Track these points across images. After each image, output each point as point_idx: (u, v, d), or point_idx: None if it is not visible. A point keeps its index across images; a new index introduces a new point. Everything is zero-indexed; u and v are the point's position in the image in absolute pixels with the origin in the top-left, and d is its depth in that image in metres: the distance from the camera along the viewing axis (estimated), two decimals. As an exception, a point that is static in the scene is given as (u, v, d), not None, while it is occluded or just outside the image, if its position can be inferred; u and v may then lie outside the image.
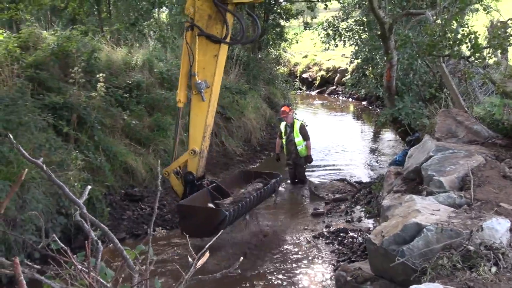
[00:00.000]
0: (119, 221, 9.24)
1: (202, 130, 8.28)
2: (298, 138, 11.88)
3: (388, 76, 12.11)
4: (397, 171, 9.12)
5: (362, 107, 25.68)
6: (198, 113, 8.23)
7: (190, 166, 8.47)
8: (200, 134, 8.30)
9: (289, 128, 11.94)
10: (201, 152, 8.41)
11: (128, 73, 12.58)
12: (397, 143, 16.22)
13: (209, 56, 8.01)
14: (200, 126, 8.27)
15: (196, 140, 8.34)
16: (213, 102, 8.33)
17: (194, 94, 8.11)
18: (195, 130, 8.32)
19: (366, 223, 9.44)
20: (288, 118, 11.91)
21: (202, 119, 8.24)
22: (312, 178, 12.59)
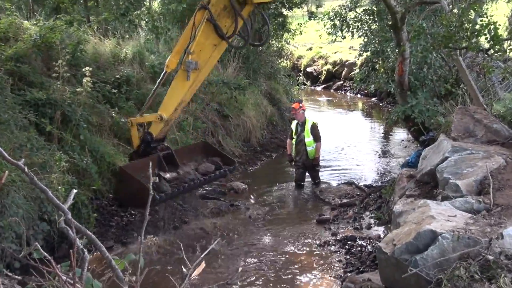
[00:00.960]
0: (107, 228, 9.23)
1: (176, 103, 8.85)
2: (308, 138, 11.92)
3: (400, 70, 12.10)
4: (409, 173, 9.12)
5: (371, 104, 25.67)
6: (178, 87, 8.81)
7: (152, 128, 9.05)
8: (173, 106, 8.86)
9: (300, 127, 11.99)
10: (168, 121, 8.97)
11: (117, 67, 12.57)
12: (409, 143, 16.22)
13: (209, 43, 8.54)
14: (176, 99, 8.84)
15: (167, 108, 8.90)
16: (196, 85, 9.00)
17: (181, 69, 8.66)
18: (170, 100, 8.89)
19: (376, 230, 9.43)
20: (298, 115, 11.96)
21: (179, 94, 8.81)
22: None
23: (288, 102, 20.19)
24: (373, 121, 22.13)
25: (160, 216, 10.02)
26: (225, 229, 9.78)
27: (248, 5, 8.49)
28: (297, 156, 12.18)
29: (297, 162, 12.21)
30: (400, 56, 12.04)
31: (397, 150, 16.08)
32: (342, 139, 17.08)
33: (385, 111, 22.97)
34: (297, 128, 12.07)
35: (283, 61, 24.13)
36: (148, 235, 9.20)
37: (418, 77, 12.96)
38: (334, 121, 20.82)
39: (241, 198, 11.48)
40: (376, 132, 19.87)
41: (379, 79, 17.23)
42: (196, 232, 9.62)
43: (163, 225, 9.69)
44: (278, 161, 14.91)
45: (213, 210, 10.58)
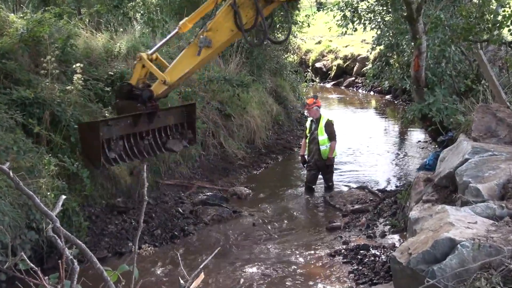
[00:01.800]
0: (100, 237, 9.26)
1: (182, 73, 9.15)
2: (322, 136, 11.94)
3: (416, 65, 12.10)
4: (427, 177, 9.11)
5: (385, 102, 25.66)
6: (187, 59, 9.11)
7: (155, 87, 9.34)
8: (178, 74, 9.16)
9: (314, 124, 12.03)
10: (170, 86, 9.32)
11: (110, 63, 12.59)
12: (427, 144, 16.20)
13: (226, 26, 8.80)
14: (183, 69, 9.15)
15: (173, 74, 9.18)
16: (204, 62, 9.42)
17: (194, 43, 8.95)
18: (177, 67, 9.19)
19: (391, 238, 9.43)
20: (312, 112, 12.01)
21: (187, 66, 9.12)
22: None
23: (295, 100, 20.21)
24: (387, 121, 22.13)
25: (157, 224, 10.05)
26: (227, 237, 9.79)
27: (274, 2, 8.76)
28: (309, 156, 12.21)
29: (309, 163, 12.22)
30: (416, 50, 12.03)
31: (413, 151, 16.07)
32: (353, 140, 17.07)
33: (400, 109, 22.96)
34: (311, 126, 12.11)
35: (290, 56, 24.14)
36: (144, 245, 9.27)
37: (436, 73, 12.93)
38: (345, 121, 20.79)
39: (244, 204, 11.49)
40: (390, 132, 19.86)
41: (394, 75, 17.20)
42: (196, 241, 9.64)
43: (160, 233, 9.71)
44: (285, 164, 14.93)
45: (214, 217, 10.59)
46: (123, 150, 9.30)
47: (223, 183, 12.70)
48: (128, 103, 9.31)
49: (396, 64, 17.17)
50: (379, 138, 18.09)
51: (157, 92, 9.33)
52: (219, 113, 14.41)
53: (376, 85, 25.63)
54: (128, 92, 9.29)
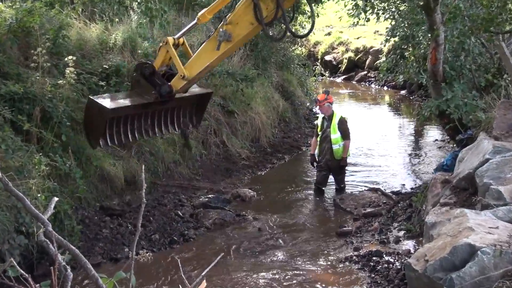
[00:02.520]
0: (94, 241, 9.27)
1: (202, 67, 9.23)
2: (335, 134, 11.95)
3: (433, 58, 12.08)
4: (444, 178, 9.10)
5: (400, 98, 25.64)
6: (206, 53, 9.19)
7: (174, 82, 9.39)
8: (198, 69, 9.23)
9: (326, 122, 12.03)
10: (190, 81, 9.39)
11: (104, 56, 12.59)
12: (444, 143, 16.18)
13: (246, 20, 8.86)
14: (202, 63, 9.23)
15: (192, 69, 9.24)
16: (224, 56, 9.50)
17: (214, 37, 9.04)
18: (196, 62, 9.27)
19: (406, 244, 9.41)
20: (324, 108, 12.01)
21: (206, 60, 9.20)
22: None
23: (303, 96, 20.19)
24: (402, 118, 22.11)
25: (155, 228, 10.05)
26: (230, 243, 9.79)
27: None
28: (319, 155, 12.20)
29: (320, 163, 12.21)
30: (433, 41, 12.01)
31: (430, 151, 16.04)
32: (365, 139, 17.05)
33: (416, 105, 22.93)
34: (323, 123, 12.10)
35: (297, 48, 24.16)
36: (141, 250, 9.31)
37: (454, 66, 12.91)
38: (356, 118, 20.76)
39: (248, 208, 11.48)
40: (405, 130, 19.84)
41: (409, 68, 17.16)
42: (196, 246, 9.65)
43: (159, 238, 9.72)
44: (292, 164, 14.92)
45: (216, 221, 10.59)
46: (125, 130, 9.53)
47: (225, 184, 12.70)
48: (145, 84, 9.43)
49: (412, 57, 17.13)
50: (393, 137, 18.08)
51: (176, 87, 9.40)
52: (222, 110, 14.42)
53: (390, 80, 25.62)
54: (148, 74, 9.40)
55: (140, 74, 9.44)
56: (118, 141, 9.49)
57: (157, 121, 10.08)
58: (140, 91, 9.47)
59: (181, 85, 9.38)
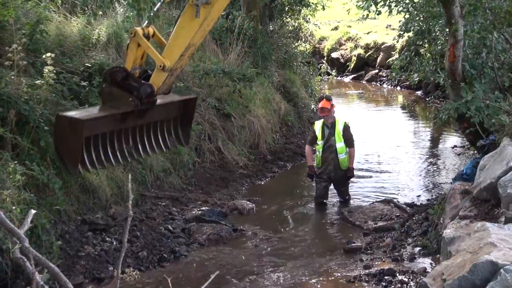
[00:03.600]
0: (75, 259, 9.25)
1: (183, 48, 8.81)
2: (340, 143, 11.98)
3: (452, 55, 12.09)
4: (464, 188, 9.12)
5: (415, 99, 25.68)
6: (185, 27, 8.76)
7: (153, 78, 8.96)
8: (179, 51, 8.82)
9: (328, 129, 12.00)
10: (172, 71, 8.95)
11: (87, 53, 12.60)
12: (464, 150, 16.20)
13: None
14: (182, 42, 8.81)
15: (171, 54, 8.86)
16: (207, 24, 8.95)
17: (189, 4, 8.66)
18: (175, 42, 8.86)
19: (421, 262, 9.43)
20: (330, 117, 11.98)
21: (187, 36, 8.78)
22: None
23: (307, 97, 20.19)
24: (417, 121, 22.13)
25: (143, 244, 10.04)
26: (226, 261, 9.79)
27: None
28: (322, 167, 12.18)
29: (321, 174, 12.21)
30: (451, 37, 12.02)
31: (448, 158, 16.07)
32: (377, 145, 17.09)
33: (432, 108, 22.96)
34: (323, 131, 12.06)
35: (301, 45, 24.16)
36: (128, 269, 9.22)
37: (475, 65, 12.92)
38: (366, 121, 20.82)
39: (247, 221, 11.49)
40: (421, 136, 19.84)
41: (425, 67, 17.18)
42: (189, 265, 9.64)
43: (147, 255, 9.70)
44: (295, 172, 14.93)
45: (210, 236, 10.59)
46: (104, 151, 9.09)
47: (221, 195, 12.70)
48: (119, 93, 8.94)
49: (428, 54, 17.17)
50: (407, 143, 18.09)
51: (158, 84, 8.94)
52: (217, 113, 14.42)
53: (404, 79, 25.65)
54: (122, 80, 8.92)
55: (110, 83, 8.98)
56: (99, 164, 9.06)
57: (139, 140, 9.64)
58: (114, 104, 8.98)
59: (163, 79, 8.94)
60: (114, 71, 9.01)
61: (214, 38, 16.99)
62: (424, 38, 17.48)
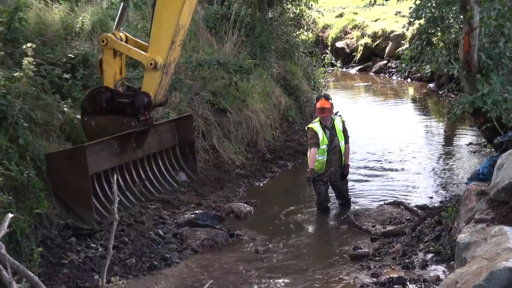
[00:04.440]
0: (57, 267, 9.24)
1: (171, 32, 8.09)
2: (342, 141, 12.08)
3: (467, 45, 12.09)
4: (480, 189, 9.12)
5: (427, 92, 25.68)
6: (168, 5, 8.06)
7: (146, 84, 8.28)
8: (167, 38, 8.11)
9: (328, 130, 11.99)
10: (165, 66, 8.20)
11: (70, 43, 12.61)
12: (480, 148, 16.20)
13: None
14: (168, 25, 8.09)
15: (159, 45, 8.16)
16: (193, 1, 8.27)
17: None
18: (160, 29, 8.15)
19: (434, 269, 9.43)
20: (330, 117, 12.00)
21: (172, 16, 8.05)
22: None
23: (310, 91, 20.19)
24: (429, 116, 22.14)
25: (131, 250, 10.03)
26: (222, 269, 9.79)
27: None
28: (324, 169, 12.14)
29: (321, 177, 12.17)
30: (466, 25, 12.02)
31: (462, 157, 16.09)
32: (386, 142, 17.10)
33: (446, 102, 22.97)
34: (325, 133, 12.03)
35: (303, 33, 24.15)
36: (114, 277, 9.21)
37: (492, 55, 12.91)
38: (374, 117, 20.83)
39: (244, 226, 11.49)
40: (433, 132, 19.88)
41: (437, 57, 17.18)
42: (180, 273, 9.64)
43: (135, 263, 9.69)
44: (296, 172, 14.91)
45: (204, 242, 10.58)
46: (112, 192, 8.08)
47: (216, 198, 12.69)
48: (107, 120, 8.30)
49: (441, 44, 17.17)
50: (419, 140, 18.11)
51: (153, 89, 8.23)
52: (211, 107, 14.41)
53: (415, 71, 25.66)
54: (107, 102, 8.27)
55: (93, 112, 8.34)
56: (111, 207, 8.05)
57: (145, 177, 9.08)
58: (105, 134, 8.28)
59: (157, 81, 8.20)
60: (95, 93, 8.36)
61: (208, 26, 17.01)
62: (437, 26, 17.45)
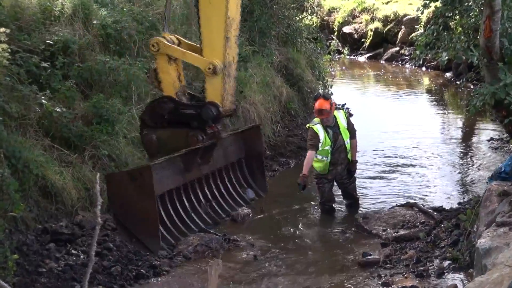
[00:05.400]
0: (34, 276, 9.23)
1: (222, 28, 7.86)
2: (348, 139, 12.06)
3: (488, 30, 12.07)
4: (503, 189, 9.12)
5: (443, 82, 25.68)
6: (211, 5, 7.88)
7: (209, 92, 8.00)
8: (220, 36, 7.87)
9: (331, 130, 11.96)
10: (225, 67, 7.93)
11: (48, 28, 12.60)
12: (502, 143, 16.19)
13: None
14: (218, 21, 7.87)
15: (213, 45, 7.94)
16: None
17: None
18: (210, 28, 7.94)
19: (451, 278, 9.44)
20: (331, 118, 11.97)
21: (219, 9, 7.85)
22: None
23: (314, 81, 20.16)
24: (446, 109, 22.14)
25: (116, 257, 10.02)
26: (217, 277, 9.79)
27: None
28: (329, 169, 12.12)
29: (326, 175, 12.15)
30: (487, 7, 12.01)
31: (483, 153, 16.08)
32: (398, 137, 17.10)
33: (464, 93, 22.97)
34: (327, 134, 12.00)
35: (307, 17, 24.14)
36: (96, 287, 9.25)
37: (516, 41, 12.94)
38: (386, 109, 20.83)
39: (241, 230, 11.50)
40: (450, 126, 19.88)
41: (455, 43, 17.19)
42: (171, 282, 9.64)
43: (121, 271, 9.68)
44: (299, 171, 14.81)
45: (197, 248, 10.58)
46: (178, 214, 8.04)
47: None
48: (171, 134, 8.09)
49: (459, 29, 17.17)
50: (435, 135, 18.10)
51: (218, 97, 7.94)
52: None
53: (430, 59, 25.63)
54: (170, 113, 8.04)
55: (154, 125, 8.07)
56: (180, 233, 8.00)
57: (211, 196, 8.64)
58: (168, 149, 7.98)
59: (221, 86, 7.90)
60: (158, 104, 8.12)
61: (202, 9, 16.98)
62: (455, 8, 17.44)
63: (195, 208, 8.28)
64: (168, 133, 7.97)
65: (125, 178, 7.73)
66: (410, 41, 28.29)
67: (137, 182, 7.52)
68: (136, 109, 12.31)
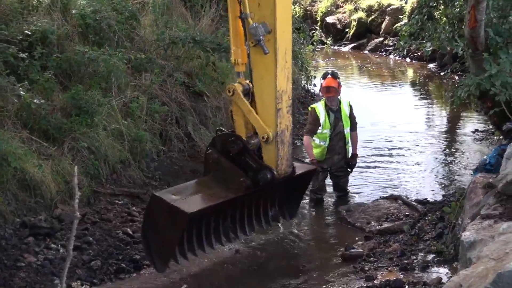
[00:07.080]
0: (12, 270, 9.21)
1: (273, 101, 8.70)
2: (348, 128, 12.11)
3: (473, 20, 12.10)
4: (487, 182, 9.15)
5: (428, 73, 25.73)
6: (263, 75, 8.74)
7: (266, 157, 8.86)
8: (271, 108, 8.73)
9: (333, 113, 11.96)
10: (277, 135, 8.76)
11: (26, 18, 12.55)
12: (487, 135, 16.25)
13: None
14: (269, 94, 8.73)
15: (266, 116, 8.79)
16: (283, 54, 8.77)
17: (252, 46, 8.69)
18: (262, 100, 8.82)
19: (435, 271, 9.45)
20: (336, 98, 11.99)
21: (270, 82, 8.70)
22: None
23: (297, 71, 20.15)
24: (430, 101, 22.18)
25: (96, 251, 10.00)
26: (198, 270, 9.78)
27: None
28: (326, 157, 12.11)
29: (322, 164, 12.12)
30: (472, -3, 12.05)
31: (467, 145, 16.13)
32: (381, 129, 17.13)
33: (449, 84, 23.03)
34: (328, 117, 11.99)
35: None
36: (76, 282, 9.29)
37: (501, 31, 12.94)
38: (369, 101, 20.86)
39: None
40: (435, 118, 19.92)
41: (440, 34, 17.23)
42: (153, 276, 9.62)
43: (101, 265, 9.66)
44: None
45: (179, 242, 10.58)
46: (199, 234, 8.99)
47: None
48: (229, 167, 8.90)
49: (444, 19, 17.20)
50: (419, 126, 18.15)
51: (273, 162, 8.81)
52: (186, 90, 14.36)
53: (415, 49, 25.70)
54: (238, 153, 8.82)
55: (221, 152, 8.93)
56: (200, 248, 9.10)
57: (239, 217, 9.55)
58: (220, 177, 8.91)
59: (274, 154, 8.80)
60: (229, 141, 8.84)
61: (182, -1, 16.96)
62: (439, -2, 17.51)
63: (218, 227, 9.22)
64: (227, 165, 8.78)
65: (165, 207, 8.42)
66: (394, 31, 28.36)
67: (171, 217, 8.35)
68: (116, 100, 12.29)
